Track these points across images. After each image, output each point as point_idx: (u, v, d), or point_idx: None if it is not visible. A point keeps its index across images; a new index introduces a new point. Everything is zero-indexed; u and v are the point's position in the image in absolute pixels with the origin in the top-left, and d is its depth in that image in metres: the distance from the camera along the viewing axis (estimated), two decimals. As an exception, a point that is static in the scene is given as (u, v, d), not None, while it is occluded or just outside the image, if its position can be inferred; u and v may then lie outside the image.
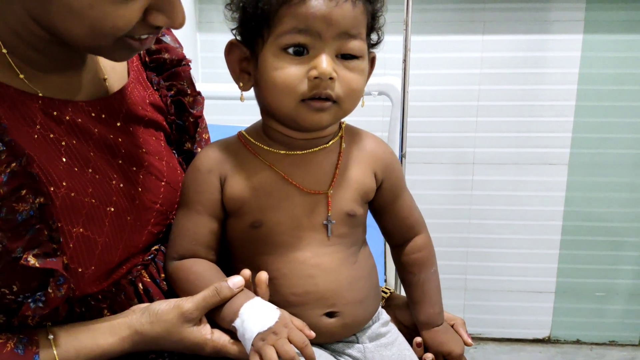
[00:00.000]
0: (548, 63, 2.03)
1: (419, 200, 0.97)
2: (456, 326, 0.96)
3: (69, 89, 0.78)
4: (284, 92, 0.77)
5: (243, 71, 0.83)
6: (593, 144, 2.09)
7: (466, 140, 2.12)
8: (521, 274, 2.23)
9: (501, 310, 2.28)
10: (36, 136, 0.73)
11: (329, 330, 0.83)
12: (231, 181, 0.83)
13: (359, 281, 0.86)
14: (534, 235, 2.19)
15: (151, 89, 0.92)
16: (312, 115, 0.78)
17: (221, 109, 1.72)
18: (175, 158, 0.94)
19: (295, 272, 0.82)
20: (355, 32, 0.77)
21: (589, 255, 2.19)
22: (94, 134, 0.79)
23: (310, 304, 0.82)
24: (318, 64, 0.75)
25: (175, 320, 0.75)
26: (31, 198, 0.68)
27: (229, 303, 0.77)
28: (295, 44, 0.76)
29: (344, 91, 0.78)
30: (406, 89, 1.45)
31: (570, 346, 2.28)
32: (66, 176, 0.73)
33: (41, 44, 0.73)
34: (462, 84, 2.06)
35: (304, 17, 0.74)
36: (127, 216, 0.80)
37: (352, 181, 0.86)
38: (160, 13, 0.71)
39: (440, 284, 0.95)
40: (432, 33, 2.02)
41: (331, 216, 0.84)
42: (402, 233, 0.95)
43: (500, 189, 2.16)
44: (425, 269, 0.94)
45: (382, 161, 0.90)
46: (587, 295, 2.24)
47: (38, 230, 0.69)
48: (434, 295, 0.94)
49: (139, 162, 0.84)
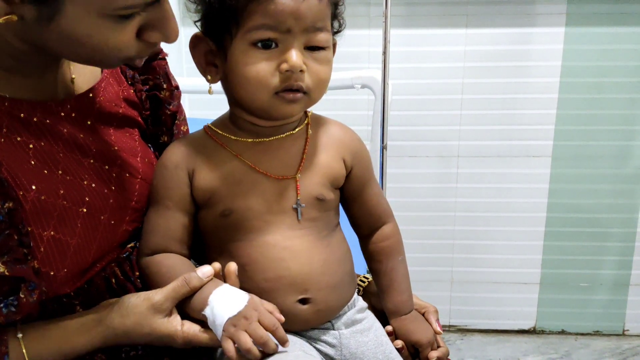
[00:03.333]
0: (531, 56, 2.04)
1: (404, 194, 0.99)
2: (427, 314, 0.96)
3: (39, 90, 0.77)
4: (257, 86, 0.79)
5: (209, 64, 0.84)
6: (576, 136, 2.11)
7: (451, 133, 2.13)
8: (506, 265, 2.25)
9: (487, 302, 2.29)
10: (2, 140, 0.71)
11: (302, 316, 0.83)
12: (199, 174, 0.84)
13: (332, 265, 0.87)
14: (518, 227, 2.21)
15: (125, 84, 0.91)
16: (285, 106, 0.81)
17: (207, 103, 1.72)
18: (152, 152, 0.94)
19: (266, 255, 0.83)
20: (321, 25, 0.79)
21: (573, 246, 2.21)
22: (63, 135, 0.78)
23: (282, 289, 0.82)
24: (288, 58, 0.77)
25: (146, 312, 0.75)
26: (0, 203, 0.68)
27: (199, 292, 0.77)
28: (265, 39, 0.77)
29: (314, 82, 0.80)
30: (386, 81, 1.46)
31: (556, 337, 2.30)
32: (35, 179, 0.73)
33: (17, 52, 0.72)
34: (446, 77, 2.07)
35: (273, 13, 0.76)
36: (100, 216, 0.79)
37: (320, 166, 0.88)
38: (155, 30, 0.71)
39: (427, 276, 0.96)
40: (416, 27, 2.03)
41: (300, 200, 0.85)
42: (371, 222, 0.96)
43: (485, 181, 2.17)
44: (393, 257, 0.96)
45: (351, 148, 0.92)
46: (571, 286, 2.26)
47: (7, 235, 0.68)
48: (402, 283, 0.95)
49: (111, 160, 0.83)
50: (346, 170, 0.91)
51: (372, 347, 0.89)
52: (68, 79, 0.82)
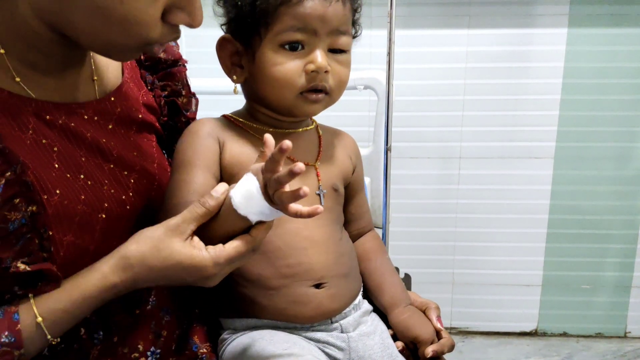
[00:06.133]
0: (533, 57, 2.04)
1: (405, 195, 1.02)
2: (427, 310, 0.97)
3: (63, 91, 0.76)
4: (284, 86, 0.83)
5: (234, 64, 0.88)
6: (578, 138, 2.10)
7: (452, 134, 2.13)
8: (508, 267, 2.24)
9: (488, 304, 2.29)
10: (29, 142, 0.70)
11: (317, 299, 0.86)
12: (229, 146, 0.86)
13: (344, 257, 0.91)
14: (520, 228, 2.20)
15: (145, 89, 0.91)
16: (308, 106, 0.86)
17: (207, 104, 1.71)
18: (166, 159, 0.93)
19: (288, 243, 0.86)
20: (344, 29, 0.85)
21: (575, 248, 2.21)
22: (86, 139, 0.77)
23: (301, 274, 0.85)
24: (314, 59, 0.82)
25: (162, 236, 0.70)
26: (24, 206, 0.67)
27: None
28: (294, 40, 0.82)
29: (335, 83, 0.86)
30: (391, 82, 1.45)
31: (557, 339, 2.29)
32: (59, 183, 0.72)
33: (43, 43, 0.71)
34: (448, 78, 2.07)
35: (302, 16, 0.81)
36: (118, 222, 0.78)
37: (335, 158, 0.95)
38: (181, 11, 0.69)
39: (428, 278, 0.98)
40: (418, 27, 2.02)
41: (322, 186, 0.90)
42: (360, 226, 1.02)
43: (487, 182, 2.16)
44: (381, 254, 1.01)
45: (354, 150, 1.00)
46: (573, 288, 2.25)
47: (29, 239, 0.68)
48: (393, 276, 0.99)
49: (130, 166, 0.82)
50: (351, 168, 0.97)
51: (378, 351, 0.89)
52: (89, 81, 0.81)
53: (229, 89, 0.92)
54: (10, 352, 0.66)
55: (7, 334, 0.66)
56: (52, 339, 0.70)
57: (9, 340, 0.66)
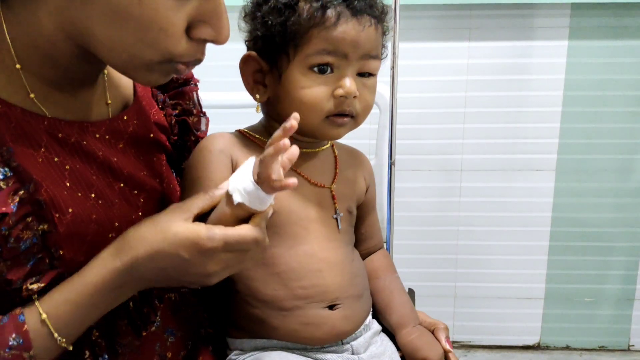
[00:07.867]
0: (534, 69, 2.04)
1: (407, 208, 1.02)
2: (436, 331, 0.96)
3: (76, 109, 0.75)
4: (311, 109, 0.81)
5: (257, 82, 0.86)
6: (580, 150, 2.10)
7: (454, 147, 2.12)
8: (510, 280, 2.23)
9: (490, 317, 2.27)
10: (41, 160, 0.69)
11: (331, 321, 0.84)
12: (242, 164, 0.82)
13: (357, 277, 0.90)
14: (522, 241, 2.19)
15: (156, 107, 0.89)
16: (333, 129, 0.84)
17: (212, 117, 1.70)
18: (174, 179, 0.92)
19: (304, 265, 0.84)
20: (375, 53, 0.83)
21: (578, 260, 2.19)
22: (98, 157, 0.75)
23: (316, 296, 0.84)
24: (344, 84, 0.80)
25: (162, 214, 0.69)
26: (35, 225, 0.66)
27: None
28: (323, 63, 0.80)
29: (362, 107, 0.84)
30: (394, 96, 1.45)
31: (560, 352, 2.28)
32: (72, 202, 0.70)
33: (62, 58, 0.69)
34: (449, 90, 2.06)
35: (334, 40, 0.79)
36: None
37: (349, 180, 0.93)
38: (206, 25, 0.67)
39: (430, 291, 0.97)
40: (419, 40, 2.02)
41: (338, 209, 0.89)
42: (370, 245, 1.01)
43: (488, 195, 2.15)
44: (390, 272, 1.00)
45: (368, 169, 0.99)
46: (576, 301, 2.24)
47: (40, 259, 0.67)
48: (402, 295, 0.98)
49: (139, 185, 0.81)
50: (365, 189, 0.96)
51: (388, 373, 0.87)
52: (102, 99, 0.80)
53: (233, 102, 0.91)
54: (20, 354, 0.66)
55: (15, 336, 0.66)
56: (60, 338, 0.68)
57: (17, 342, 0.66)
